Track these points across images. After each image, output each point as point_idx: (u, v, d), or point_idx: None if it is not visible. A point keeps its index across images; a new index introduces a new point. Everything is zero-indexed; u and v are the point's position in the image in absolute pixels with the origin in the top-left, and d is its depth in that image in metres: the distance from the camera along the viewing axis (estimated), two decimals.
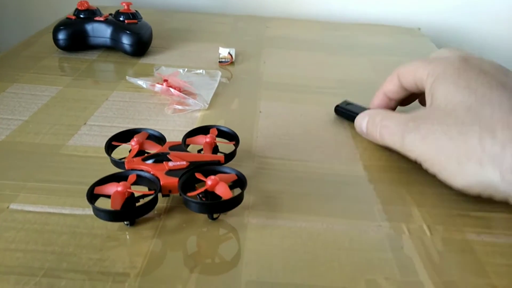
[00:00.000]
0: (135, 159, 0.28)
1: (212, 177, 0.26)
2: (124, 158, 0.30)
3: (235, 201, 0.25)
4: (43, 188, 0.29)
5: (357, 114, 0.39)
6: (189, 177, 0.27)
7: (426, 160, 0.28)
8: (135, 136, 0.30)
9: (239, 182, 0.27)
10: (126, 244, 0.25)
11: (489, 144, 0.24)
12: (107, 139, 0.32)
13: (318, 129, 0.40)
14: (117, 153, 0.31)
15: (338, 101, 0.42)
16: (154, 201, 0.25)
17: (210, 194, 0.26)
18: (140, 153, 0.30)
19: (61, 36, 0.51)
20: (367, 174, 0.33)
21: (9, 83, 0.45)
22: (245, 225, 0.27)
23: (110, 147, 0.30)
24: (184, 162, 0.27)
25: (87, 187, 0.26)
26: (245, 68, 0.53)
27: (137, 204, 0.25)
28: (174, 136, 0.36)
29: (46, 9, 0.81)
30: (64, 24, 0.51)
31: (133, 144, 0.30)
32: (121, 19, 0.52)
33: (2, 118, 0.38)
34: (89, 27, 0.52)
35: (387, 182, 0.32)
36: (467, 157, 0.25)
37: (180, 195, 0.25)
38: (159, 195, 0.26)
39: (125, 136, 0.31)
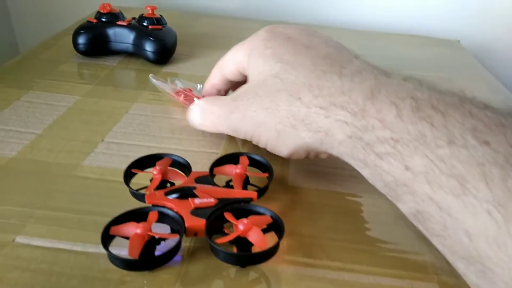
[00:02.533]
0: (157, 192, 0.24)
1: (245, 220, 0.22)
2: (144, 188, 0.27)
3: (270, 253, 0.22)
4: (54, 218, 0.26)
5: None
6: (217, 218, 0.23)
7: (252, 136, 0.29)
8: (157, 163, 0.27)
9: (275, 225, 0.23)
10: None
11: (296, 108, 0.25)
12: (125, 159, 0.29)
13: None
14: (138, 178, 0.28)
15: None
16: (177, 247, 0.22)
17: (241, 241, 0.22)
18: (163, 183, 0.27)
19: (81, 40, 0.48)
20: None
21: (25, 90, 0.42)
22: (279, 275, 0.23)
23: (129, 174, 0.27)
24: (212, 200, 0.24)
25: (101, 218, 0.23)
26: None
27: (158, 250, 0.22)
28: (198, 158, 0.33)
29: (68, 8, 0.79)
30: (84, 28, 0.48)
31: (155, 173, 0.26)
32: (144, 24, 0.49)
33: (14, 131, 0.35)
34: (111, 31, 0.49)
35: None
36: (282, 124, 0.26)
37: (208, 241, 0.22)
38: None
39: (146, 161, 0.28)
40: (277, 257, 0.23)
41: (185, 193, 0.24)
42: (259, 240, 0.22)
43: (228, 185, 0.27)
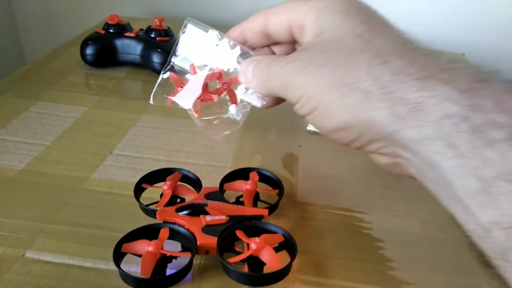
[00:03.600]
0: (168, 209, 0.24)
1: (257, 239, 0.22)
2: (154, 203, 0.26)
3: (283, 273, 0.21)
4: (63, 232, 0.26)
5: None
6: (229, 235, 0.23)
7: (303, 96, 0.23)
8: (167, 178, 0.27)
9: (287, 244, 0.23)
10: None
11: (380, 71, 0.20)
12: (134, 172, 0.29)
13: (365, 168, 0.36)
14: (147, 192, 0.28)
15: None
16: (189, 265, 0.22)
17: (254, 260, 0.22)
18: (173, 198, 0.26)
19: (89, 51, 0.48)
20: (425, 233, 0.29)
21: (33, 100, 0.42)
22: None
23: (139, 189, 0.27)
24: (224, 217, 0.24)
25: (111, 233, 0.23)
26: None
27: (169, 268, 0.22)
28: (207, 172, 0.33)
29: (75, 18, 0.80)
30: (92, 39, 0.48)
31: (166, 188, 0.26)
32: (152, 35, 0.49)
33: (23, 143, 0.35)
34: (119, 42, 0.49)
35: (450, 245, 0.28)
36: (352, 87, 0.21)
37: (220, 259, 0.22)
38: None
39: (156, 176, 0.28)
40: (288, 276, 0.23)
41: (197, 209, 0.24)
42: (272, 260, 0.22)
43: (238, 201, 0.27)
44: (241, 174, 0.29)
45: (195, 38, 0.31)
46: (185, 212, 0.24)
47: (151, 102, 0.31)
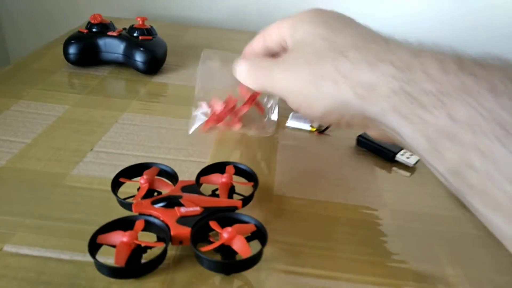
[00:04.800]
0: (143, 201, 0.25)
1: (229, 229, 0.23)
2: (131, 197, 0.27)
3: (253, 260, 0.22)
4: (42, 227, 0.27)
5: (381, 145, 0.37)
6: (202, 226, 0.24)
7: (291, 93, 0.29)
8: (144, 172, 0.28)
9: (259, 233, 0.24)
10: None
11: (341, 63, 0.26)
12: (114, 168, 0.30)
13: (340, 163, 0.37)
14: (125, 187, 0.28)
15: (361, 131, 0.39)
16: (163, 255, 0.22)
17: (225, 249, 0.23)
18: (150, 192, 0.27)
19: (72, 50, 0.49)
20: (395, 223, 0.30)
21: (15, 99, 0.42)
22: (262, 282, 0.24)
23: (116, 183, 0.27)
24: (198, 208, 0.25)
25: (89, 227, 0.23)
26: None
27: (144, 259, 0.22)
28: (186, 167, 0.34)
29: (59, 18, 0.80)
30: (75, 38, 0.49)
31: (142, 182, 0.27)
32: (135, 35, 0.50)
33: (4, 140, 0.36)
34: (102, 42, 0.49)
35: (418, 234, 0.29)
36: (323, 78, 0.26)
37: (193, 249, 0.22)
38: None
39: (133, 170, 0.29)
40: (261, 265, 0.24)
41: (172, 202, 0.25)
42: (243, 248, 0.22)
43: (214, 194, 0.28)
44: (218, 167, 0.29)
45: (213, 69, 0.40)
46: (160, 204, 0.25)
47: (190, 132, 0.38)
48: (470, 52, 0.23)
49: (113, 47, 0.49)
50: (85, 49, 0.49)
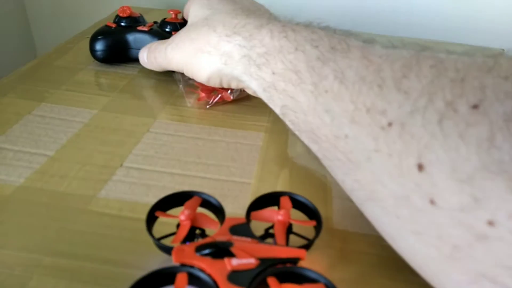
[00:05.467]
0: (186, 247, 0.20)
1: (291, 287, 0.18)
2: (169, 235, 0.22)
3: None
4: (63, 268, 0.23)
5: None
6: (259, 284, 0.19)
7: (182, 65, 0.36)
8: (185, 204, 0.23)
9: None
10: None
11: (212, 37, 0.32)
12: (146, 189, 0.26)
13: None
14: (162, 219, 0.24)
15: None
16: None
17: None
18: (191, 230, 0.22)
19: (99, 47, 0.44)
20: None
21: (37, 102, 0.38)
22: None
23: (152, 218, 0.23)
24: (253, 260, 0.20)
25: (119, 270, 0.20)
26: None
27: None
28: (228, 190, 0.29)
29: (84, 10, 0.76)
30: (102, 33, 0.44)
31: (183, 218, 0.22)
32: (167, 29, 0.45)
33: (24, 152, 0.31)
34: (131, 37, 0.45)
35: None
36: (201, 51, 0.33)
37: None
38: None
39: (171, 201, 0.24)
40: None
41: (220, 249, 0.20)
42: None
43: (267, 233, 0.23)
44: (270, 199, 0.24)
45: None
46: (206, 251, 0.20)
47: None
48: None
49: (143, 43, 0.44)
50: (113, 45, 0.45)
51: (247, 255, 0.20)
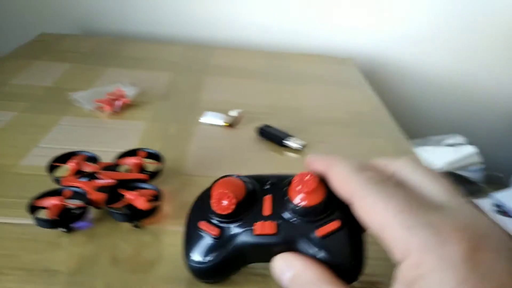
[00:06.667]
0: (71, 177, 0.34)
1: (133, 192, 0.32)
2: (63, 177, 0.36)
3: (150, 211, 0.32)
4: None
5: (272, 133, 0.47)
6: (114, 192, 0.33)
7: None
8: (73, 157, 0.37)
9: (158, 196, 0.33)
10: (63, 247, 0.31)
11: None
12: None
13: (244, 149, 0.47)
14: (61, 172, 0.37)
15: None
16: (83, 212, 0.31)
17: (132, 208, 0.32)
18: (79, 172, 0.36)
19: None
20: None
21: None
22: (160, 231, 0.33)
23: (53, 167, 0.36)
24: (112, 180, 0.34)
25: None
26: (186, 94, 0.59)
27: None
28: (109, 157, 0.43)
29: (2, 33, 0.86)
30: None
31: (72, 164, 0.36)
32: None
33: None
34: None
35: None
36: None
37: (106, 207, 0.31)
38: (93, 208, 0.32)
39: (66, 157, 0.37)
40: (160, 220, 0.33)
41: (93, 177, 0.34)
42: (143, 204, 0.31)
43: (128, 172, 0.37)
44: (133, 153, 0.38)
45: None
46: (84, 179, 0.34)
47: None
48: None
49: None
50: None
51: (109, 178, 0.34)
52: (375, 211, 0.22)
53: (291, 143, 0.47)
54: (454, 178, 0.73)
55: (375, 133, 0.54)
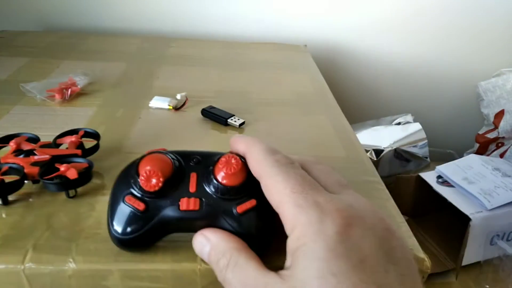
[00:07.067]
0: (9, 155, 0.36)
1: (66, 165, 0.35)
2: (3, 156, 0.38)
3: (80, 180, 0.34)
4: None
5: (216, 114, 0.50)
6: (48, 166, 0.35)
7: None
8: (15, 138, 0.39)
9: (90, 168, 0.36)
10: (1, 218, 0.33)
11: None
12: None
13: (188, 129, 0.49)
14: (3, 152, 0.39)
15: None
16: (19, 184, 0.34)
17: (65, 178, 0.34)
18: (18, 151, 0.38)
19: None
20: None
21: None
22: (95, 200, 0.36)
23: None
24: (47, 156, 0.36)
25: None
26: (138, 82, 0.62)
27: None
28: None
29: None
30: None
31: (12, 144, 0.38)
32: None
33: None
34: None
35: None
36: None
37: (40, 180, 0.34)
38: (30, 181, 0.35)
39: (8, 139, 0.39)
40: (96, 191, 0.36)
41: (30, 153, 0.36)
42: (73, 174, 0.34)
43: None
44: (73, 132, 0.41)
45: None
46: (21, 156, 0.36)
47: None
48: None
49: None
50: None
51: (44, 154, 0.36)
52: (275, 190, 0.25)
53: (232, 121, 0.50)
54: (402, 154, 0.76)
55: (316, 111, 0.57)
